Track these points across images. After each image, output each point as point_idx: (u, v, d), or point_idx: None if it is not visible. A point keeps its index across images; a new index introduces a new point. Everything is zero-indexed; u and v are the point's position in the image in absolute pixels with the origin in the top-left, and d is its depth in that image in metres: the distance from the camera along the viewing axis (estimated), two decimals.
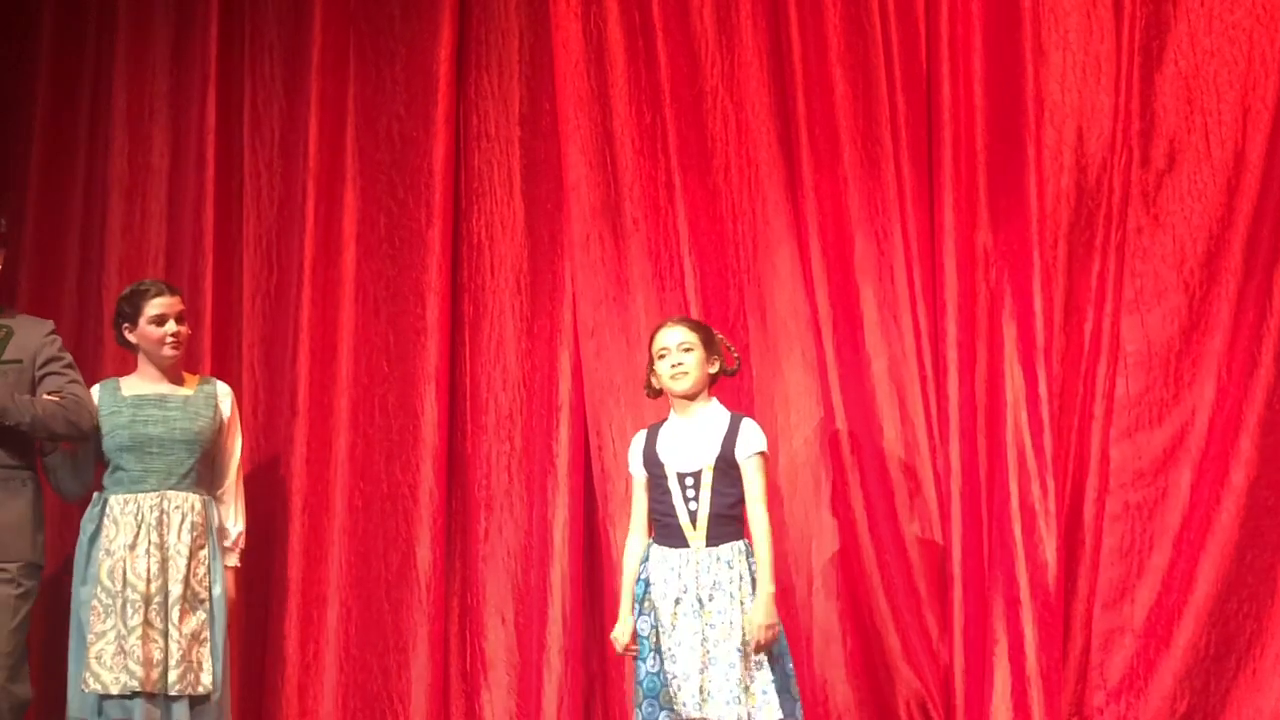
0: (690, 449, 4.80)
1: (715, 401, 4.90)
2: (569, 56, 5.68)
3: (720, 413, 4.87)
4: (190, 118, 6.03)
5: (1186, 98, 5.36)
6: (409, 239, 5.82)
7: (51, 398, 5.04)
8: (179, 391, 5.20)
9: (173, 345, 5.17)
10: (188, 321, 5.28)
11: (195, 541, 5.08)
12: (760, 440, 4.81)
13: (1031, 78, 5.35)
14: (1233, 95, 5.32)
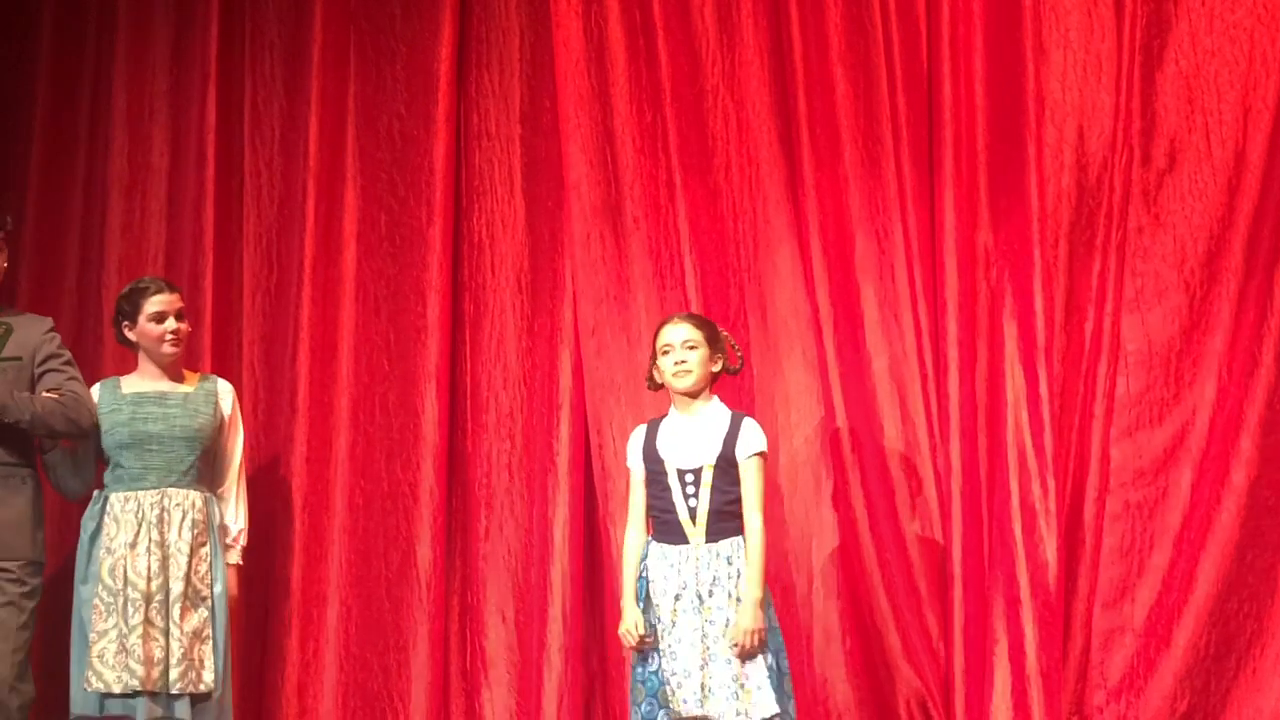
0: (691, 446, 4.79)
1: (716, 399, 4.89)
2: (570, 55, 5.68)
3: (721, 411, 4.86)
4: (190, 116, 6.03)
5: (1187, 97, 5.36)
6: (410, 237, 5.82)
7: (51, 395, 5.03)
8: (179, 389, 5.19)
9: (172, 342, 5.16)
10: (187, 319, 5.27)
11: (196, 539, 5.07)
12: (761, 441, 4.79)
13: (1032, 77, 5.35)
14: (1234, 95, 5.33)
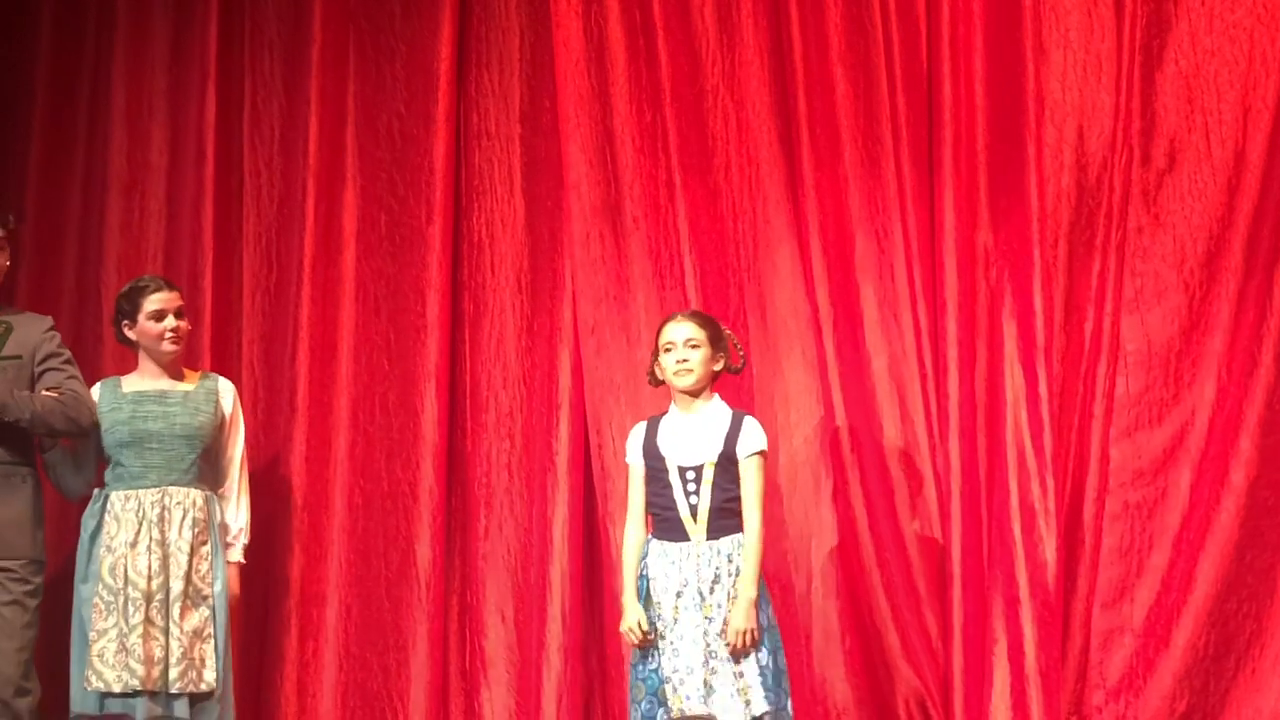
0: (692, 444, 4.79)
1: (717, 398, 4.88)
2: (570, 54, 5.68)
3: (722, 409, 4.85)
4: (189, 115, 6.02)
5: (1187, 97, 5.36)
6: (409, 237, 5.82)
7: (50, 393, 5.03)
8: (179, 387, 5.18)
9: (172, 340, 5.16)
10: (187, 318, 5.27)
11: (197, 538, 5.06)
12: (761, 440, 4.79)
13: (1032, 76, 5.35)
14: (1233, 95, 5.33)
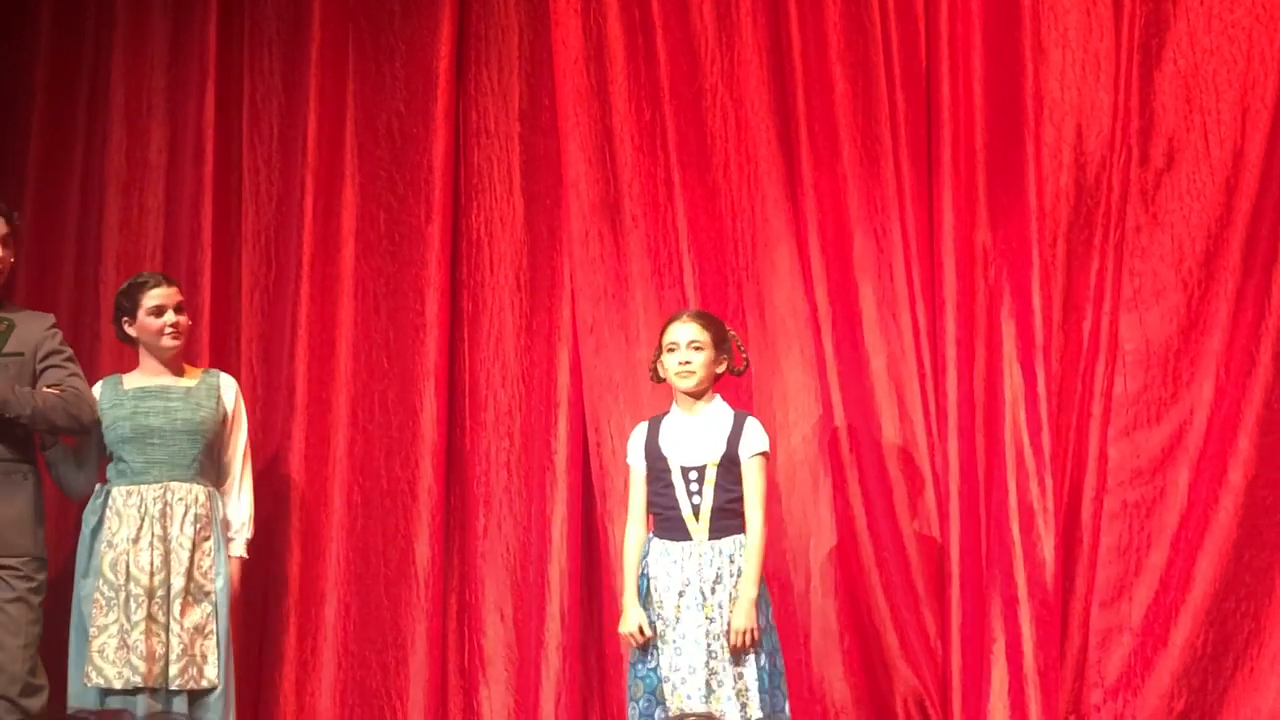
0: (694, 444, 4.80)
1: (719, 398, 4.89)
2: (569, 53, 5.68)
3: (724, 410, 4.86)
4: (188, 113, 6.01)
5: (1186, 96, 5.36)
6: (408, 235, 5.82)
7: (52, 390, 5.03)
8: (181, 383, 5.18)
9: (172, 335, 5.15)
10: (187, 314, 5.26)
11: (199, 533, 5.06)
12: (763, 440, 4.81)
13: (1031, 76, 5.35)
14: (1232, 94, 5.33)
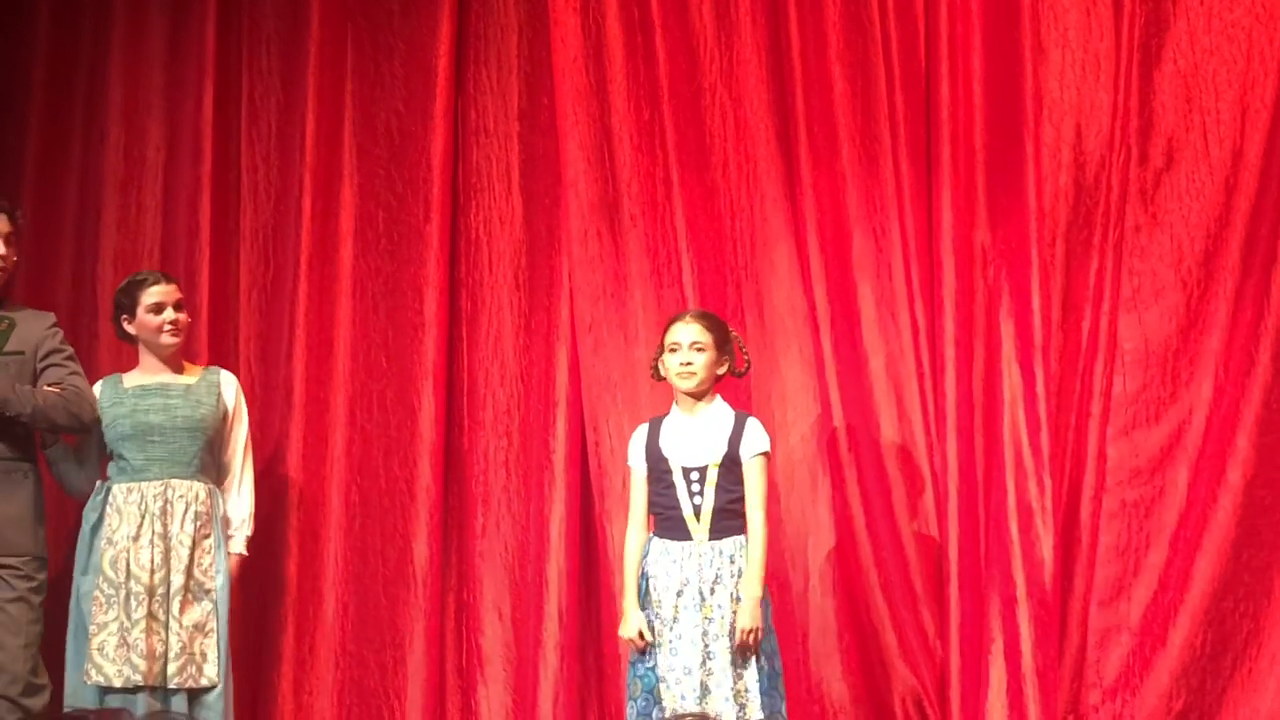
0: (695, 445, 4.80)
1: (719, 399, 4.89)
2: (568, 52, 5.67)
3: (725, 410, 4.86)
4: (186, 111, 6.00)
5: (1185, 96, 5.36)
6: (407, 234, 5.81)
7: (52, 389, 5.03)
8: (181, 380, 5.17)
9: (171, 332, 5.15)
10: (186, 311, 5.25)
11: (199, 531, 5.06)
12: (764, 441, 4.81)
13: (1030, 75, 5.35)
14: (1231, 94, 5.33)
